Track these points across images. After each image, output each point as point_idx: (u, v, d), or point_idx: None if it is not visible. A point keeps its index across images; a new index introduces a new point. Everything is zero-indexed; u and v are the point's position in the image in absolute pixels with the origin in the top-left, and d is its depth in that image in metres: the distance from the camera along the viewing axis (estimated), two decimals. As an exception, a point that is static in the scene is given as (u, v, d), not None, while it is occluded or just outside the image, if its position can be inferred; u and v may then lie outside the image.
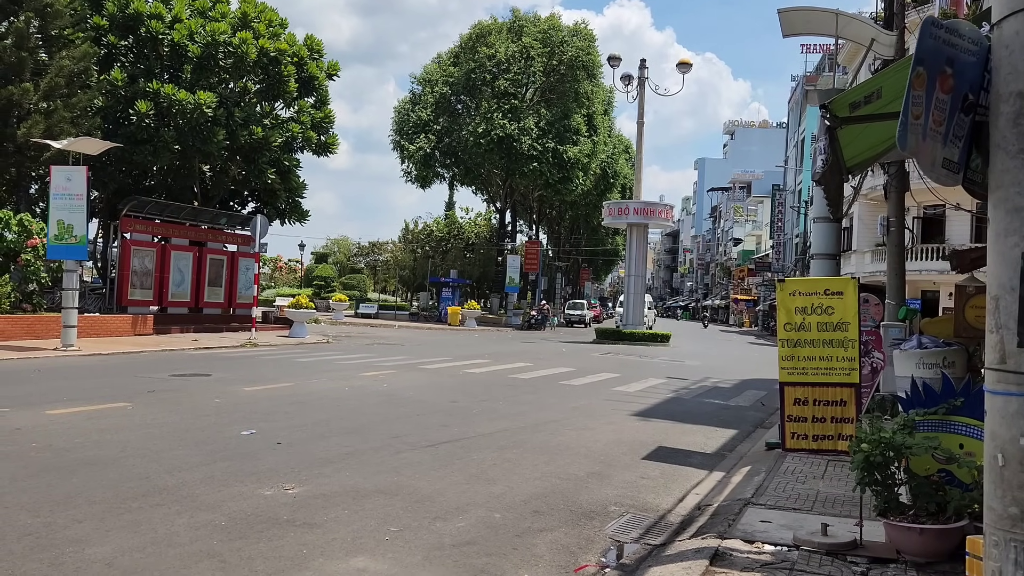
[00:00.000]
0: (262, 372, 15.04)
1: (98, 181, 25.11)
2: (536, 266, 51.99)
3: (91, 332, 20.04)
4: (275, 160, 28.58)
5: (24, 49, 21.32)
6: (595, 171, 49.51)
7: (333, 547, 5.05)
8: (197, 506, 5.75)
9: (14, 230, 19.99)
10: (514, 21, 46.96)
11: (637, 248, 34.22)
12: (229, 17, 27.39)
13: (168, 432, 8.55)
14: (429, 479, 6.99)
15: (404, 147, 47.33)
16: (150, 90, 24.83)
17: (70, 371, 13.96)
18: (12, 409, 9.38)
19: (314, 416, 10.14)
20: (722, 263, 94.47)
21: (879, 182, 25.84)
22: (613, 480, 7.47)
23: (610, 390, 14.91)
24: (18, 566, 4.43)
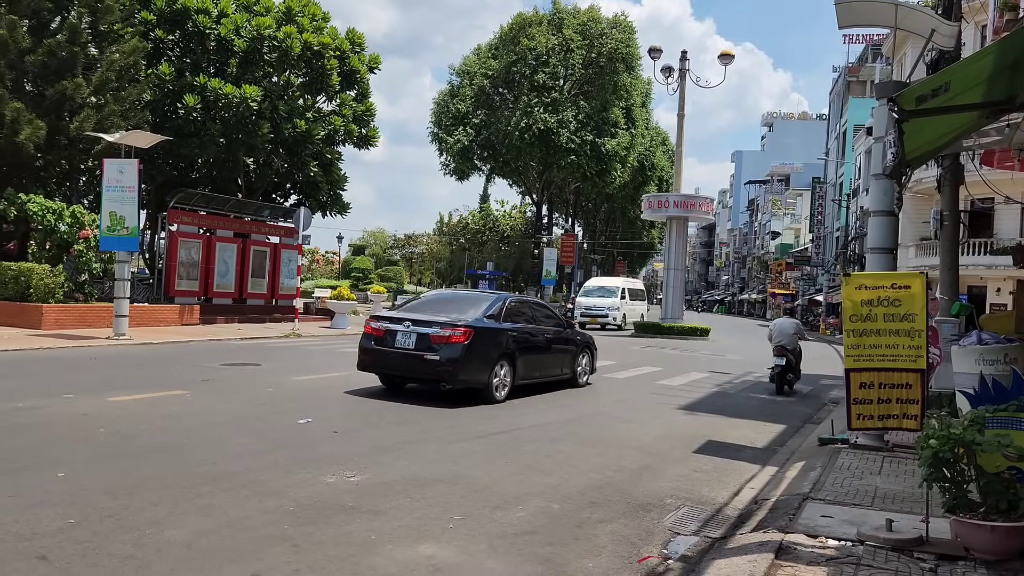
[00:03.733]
0: (309, 362, 15.27)
1: (146, 174, 25.53)
2: (572, 259, 51.94)
3: (140, 321, 20.47)
4: (317, 153, 28.88)
5: (76, 44, 21.75)
6: (632, 164, 49.31)
7: (399, 534, 5.16)
8: (264, 492, 5.89)
9: (67, 222, 20.50)
10: (554, 13, 46.85)
11: (676, 241, 34.02)
12: (274, 11, 27.70)
13: (227, 420, 8.75)
14: (484, 469, 7.08)
15: (442, 139, 47.54)
16: (197, 84, 25.22)
17: (124, 359, 14.30)
18: (76, 396, 9.66)
19: (366, 405, 10.29)
20: (759, 257, 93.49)
21: (925, 175, 25.42)
22: (666, 473, 7.50)
23: (654, 384, 14.90)
24: (104, 546, 4.59)
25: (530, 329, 12.37)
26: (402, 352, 10.96)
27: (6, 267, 19.67)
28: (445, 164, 49.55)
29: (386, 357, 11.25)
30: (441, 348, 10.69)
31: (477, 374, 10.98)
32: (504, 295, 13.17)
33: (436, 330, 10.85)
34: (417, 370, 11.00)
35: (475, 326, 11.00)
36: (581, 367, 13.76)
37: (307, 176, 29.43)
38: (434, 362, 10.66)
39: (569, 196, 58.97)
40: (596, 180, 46.40)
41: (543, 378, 12.70)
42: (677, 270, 34.10)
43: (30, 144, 20.38)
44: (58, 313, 18.95)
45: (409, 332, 10.99)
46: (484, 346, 11.03)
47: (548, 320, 13.29)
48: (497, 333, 11.39)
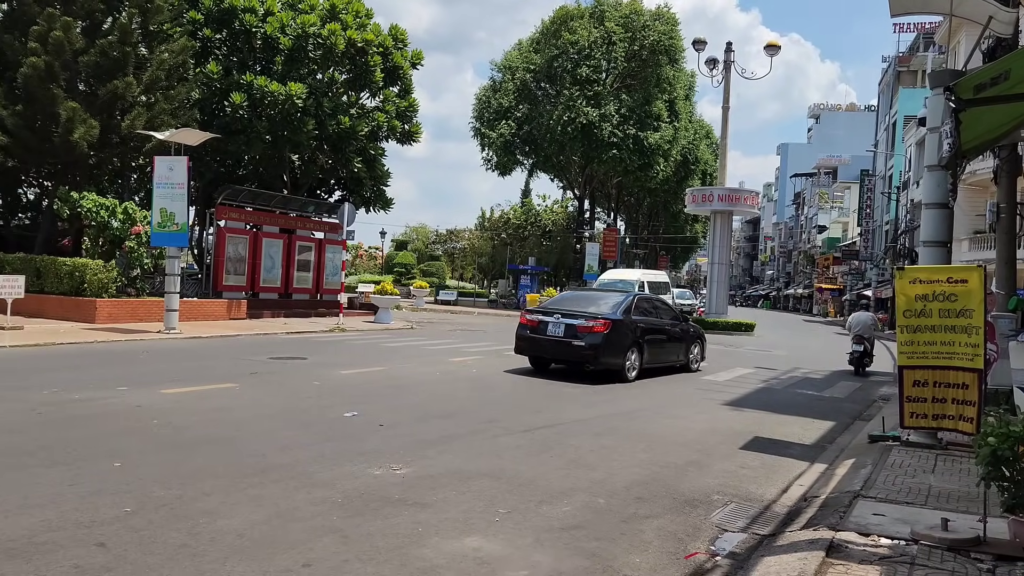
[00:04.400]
0: (354, 356, 15.43)
1: (195, 171, 26.02)
2: (614, 253, 51.63)
3: (189, 316, 20.88)
4: (361, 149, 29.14)
5: (127, 44, 22.22)
6: (676, 157, 48.82)
7: (446, 526, 5.19)
8: (313, 483, 5.97)
9: (119, 218, 20.98)
10: (596, 6, 46.55)
11: (720, 235, 33.64)
12: (318, 9, 27.98)
13: (275, 412, 8.89)
14: (529, 463, 7.09)
15: (484, 134, 47.60)
16: (244, 82, 25.61)
17: (175, 353, 14.60)
18: (130, 388, 9.89)
19: (410, 400, 10.37)
20: (805, 251, 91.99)
21: (981, 167, 24.75)
22: (712, 469, 7.43)
23: (699, 379, 14.76)
24: (159, 534, 4.70)
25: (653, 322, 14.69)
26: (553, 339, 13.46)
27: (61, 263, 20.22)
28: (487, 159, 49.61)
29: (539, 343, 13.76)
30: (585, 336, 13.11)
31: (614, 358, 13.33)
32: (632, 293, 15.70)
33: (581, 321, 13.26)
34: (566, 354, 13.58)
35: (612, 319, 13.34)
36: (693, 355, 16.04)
37: (351, 172, 29.72)
38: (580, 347, 13.12)
39: (611, 190, 58.61)
40: (638, 174, 46.05)
41: (663, 363, 14.94)
42: (721, 264, 33.73)
43: (84, 143, 20.89)
44: (111, 307, 19.43)
45: (559, 323, 13.47)
46: (619, 335, 13.38)
47: (667, 315, 15.64)
48: (629, 325, 13.72)
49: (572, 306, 14.12)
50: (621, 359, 13.44)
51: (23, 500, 5.19)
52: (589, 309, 13.78)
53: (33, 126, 21.30)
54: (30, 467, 6.01)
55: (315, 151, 28.94)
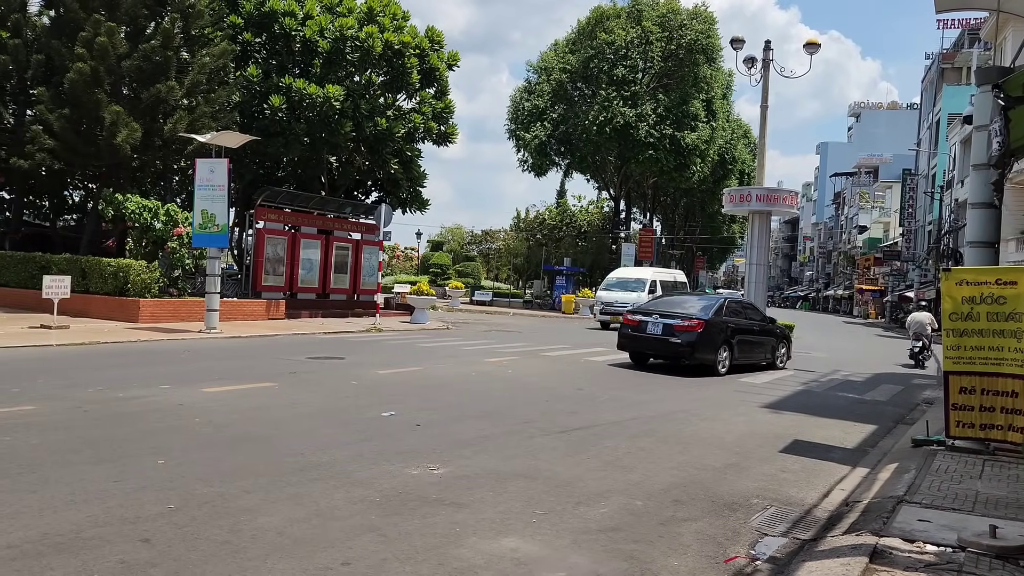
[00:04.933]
0: (391, 356, 15.53)
1: (235, 172, 26.45)
2: (650, 254, 51.32)
3: (229, 316, 21.18)
4: (398, 150, 29.35)
5: (169, 48, 22.62)
6: (713, 157, 48.39)
7: (483, 526, 5.20)
8: (351, 482, 6.02)
9: (162, 219, 21.37)
10: (632, 5, 46.31)
11: (759, 236, 33.12)
12: (356, 12, 28.23)
13: (314, 411, 8.98)
14: (566, 464, 7.07)
15: (520, 136, 47.62)
16: (283, 85, 25.93)
17: (216, 352, 14.83)
18: (172, 386, 10.07)
19: (446, 399, 10.41)
20: (845, 252, 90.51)
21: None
22: (751, 472, 7.34)
23: (736, 381, 14.60)
24: (202, 531, 4.78)
25: (742, 323, 16.25)
26: (652, 337, 15.29)
27: (106, 263, 20.64)
28: (522, 160, 49.63)
29: (640, 340, 15.59)
30: (681, 334, 14.86)
31: (707, 354, 14.98)
32: (723, 297, 18.10)
33: (678, 321, 15.05)
34: (664, 350, 15.35)
35: (705, 319, 15.00)
36: (779, 354, 17.51)
37: (388, 173, 29.95)
38: (677, 344, 14.91)
39: (647, 190, 58.28)
40: (675, 174, 45.72)
41: (752, 360, 16.40)
42: (759, 265, 33.25)
43: (127, 145, 21.30)
44: (154, 307, 19.79)
45: (657, 322, 15.28)
46: (712, 334, 15.04)
47: (755, 317, 17.23)
48: (720, 325, 15.35)
49: (669, 308, 15.87)
50: (713, 355, 15.07)
51: (70, 496, 5.31)
52: (684, 310, 15.50)
53: (79, 130, 21.78)
54: (77, 464, 6.15)
55: (352, 153, 29.21)
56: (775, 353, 17.32)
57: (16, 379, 10.25)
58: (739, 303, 17.32)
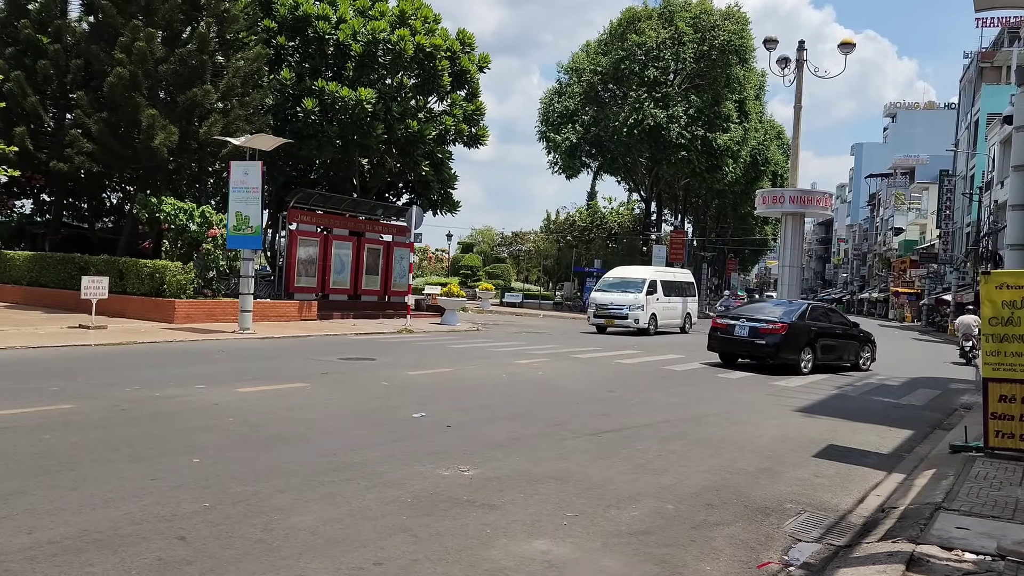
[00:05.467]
0: (421, 357, 15.60)
1: (268, 175, 26.70)
2: (681, 256, 51.03)
3: (262, 316, 21.43)
4: (429, 152, 29.47)
5: (205, 53, 22.96)
6: (745, 159, 48.02)
7: (514, 528, 5.20)
8: (383, 483, 6.06)
9: (197, 221, 21.68)
10: (664, 6, 46.10)
11: (791, 238, 32.83)
12: (388, 15, 28.41)
13: (346, 412, 9.05)
14: (597, 467, 7.05)
15: (550, 138, 47.60)
16: (316, 88, 26.17)
17: (249, 352, 15.00)
18: (207, 386, 10.21)
19: (476, 401, 10.43)
20: (881, 254, 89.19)
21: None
22: (785, 477, 7.26)
23: (769, 384, 14.46)
24: (236, 529, 4.84)
25: (826, 326, 17.60)
26: (740, 339, 16.85)
27: (142, 264, 20.99)
28: (553, 162, 49.61)
29: (728, 342, 17.18)
30: (766, 336, 16.39)
31: (790, 354, 16.39)
32: (807, 303, 19.46)
33: (762, 324, 16.59)
34: (750, 351, 16.83)
35: (788, 322, 16.54)
36: (864, 357, 18.62)
37: (419, 175, 30.10)
38: (762, 345, 16.46)
39: (678, 192, 57.96)
40: (707, 176, 45.42)
41: (835, 361, 17.68)
42: (792, 267, 32.91)
43: (164, 148, 21.64)
44: (189, 308, 20.08)
45: (744, 326, 16.87)
46: (794, 336, 16.44)
47: (839, 321, 18.62)
48: (803, 328, 16.78)
49: (754, 313, 17.65)
50: (796, 356, 16.43)
51: (109, 493, 5.41)
52: (769, 315, 17.10)
53: (117, 133, 22.17)
54: (115, 462, 6.26)
55: (384, 155, 29.40)
56: (859, 356, 18.48)
57: (56, 378, 10.46)
58: (823, 308, 19.05)
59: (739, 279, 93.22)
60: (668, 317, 29.08)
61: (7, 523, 4.73)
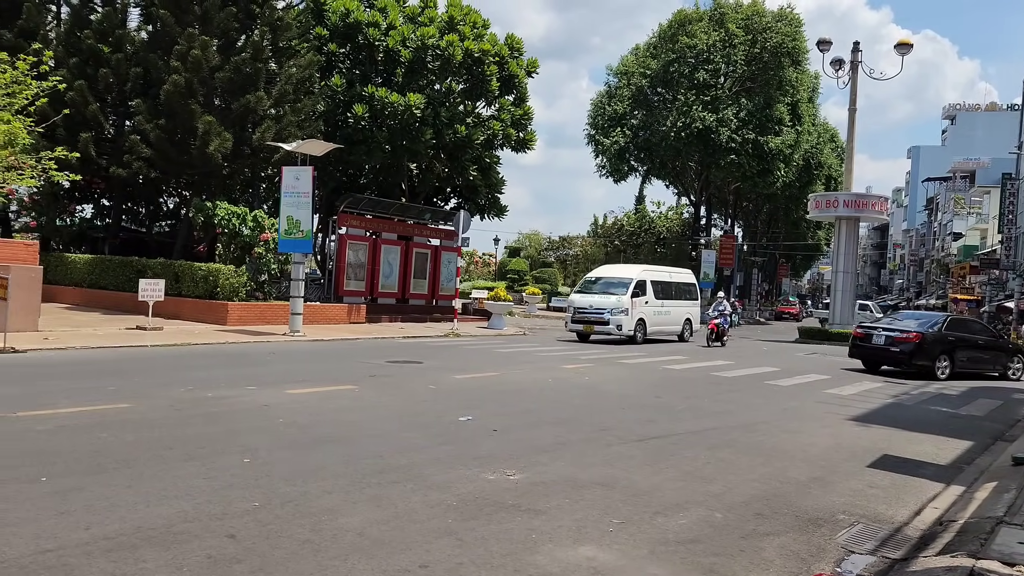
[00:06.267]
0: (468, 361, 15.65)
1: (319, 180, 27.12)
2: (731, 261, 50.44)
3: (312, 319, 21.73)
4: (477, 157, 29.63)
5: (258, 60, 23.42)
6: (797, 162, 47.25)
7: (559, 534, 5.16)
8: (428, 486, 6.08)
9: (249, 225, 22.10)
10: (715, 8, 45.65)
11: (845, 243, 32.22)
12: (437, 21, 28.65)
13: (392, 414, 9.12)
14: (643, 474, 6.98)
15: (599, 141, 47.46)
16: (366, 94, 26.50)
17: (299, 355, 15.22)
18: (258, 388, 10.39)
19: (522, 405, 10.43)
20: (939, 259, 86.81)
21: None
22: (837, 487, 7.09)
23: (821, 392, 14.16)
24: (284, 529, 4.90)
25: (965, 337, 18.89)
26: (877, 347, 18.61)
27: (197, 267, 21.46)
28: (601, 166, 49.46)
29: (867, 350, 18.97)
30: (900, 345, 18.07)
31: (924, 361, 17.88)
32: (946, 315, 21.56)
33: (897, 333, 18.34)
34: (887, 357, 18.55)
35: (922, 332, 18.16)
36: (1014, 368, 19.48)
37: (467, 180, 30.28)
38: (896, 353, 18.19)
39: (728, 196, 57.31)
40: (757, 180, 44.81)
41: (977, 370, 18.83)
42: (846, 273, 32.29)
43: (218, 154, 22.12)
44: (241, 310, 20.46)
45: (880, 335, 18.68)
46: (929, 346, 17.91)
47: (981, 332, 20.14)
48: (939, 338, 18.23)
49: (892, 323, 19.62)
50: (931, 363, 17.85)
51: (162, 491, 5.52)
52: (905, 325, 18.85)
53: (173, 139, 22.72)
54: (169, 460, 6.39)
55: (432, 160, 29.62)
56: (1007, 367, 19.36)
57: (114, 378, 10.75)
58: (964, 320, 20.82)
59: (791, 285, 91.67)
60: (661, 323, 25.45)
61: (66, 518, 4.86)
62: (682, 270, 29.85)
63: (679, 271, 29.00)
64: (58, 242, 27.08)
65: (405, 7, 28.84)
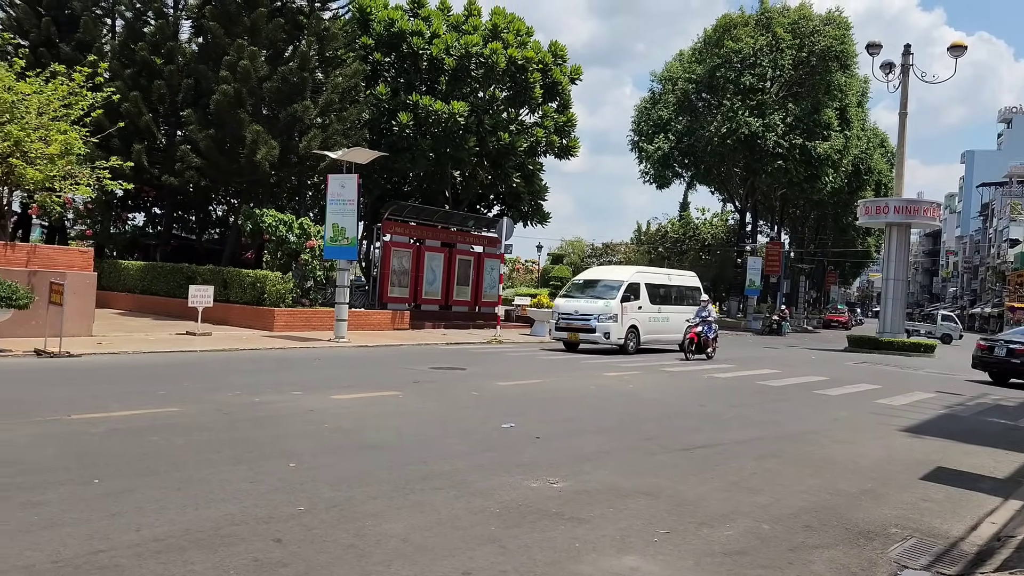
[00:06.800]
0: (510, 368, 15.64)
1: (363, 187, 27.45)
2: (778, 268, 49.70)
3: (357, 325, 21.93)
4: (520, 164, 29.68)
5: (305, 70, 23.79)
6: (846, 167, 46.42)
7: (603, 544, 5.11)
8: (471, 492, 6.07)
9: (296, 233, 22.41)
10: (761, 13, 45.15)
11: (896, 250, 31.52)
12: (481, 29, 28.81)
13: (436, 421, 9.14)
14: (688, 483, 6.88)
15: (642, 147, 47.22)
16: (410, 102, 26.74)
17: (344, 360, 15.37)
18: (303, 393, 10.51)
19: (565, 413, 10.38)
20: (994, 267, 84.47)
21: None
22: (890, 500, 6.91)
23: (872, 402, 13.84)
24: (329, 534, 4.93)
25: None
26: (998, 358, 19.69)
27: (245, 274, 21.82)
28: (644, 172, 49.20)
29: (987, 362, 20.11)
30: (1021, 356, 19.12)
31: None
32: None
33: (1019, 346, 19.38)
34: (1008, 368, 19.53)
35: None
36: None
37: (510, 187, 30.34)
38: (1016, 364, 19.19)
39: (775, 202, 56.52)
40: (805, 186, 44.12)
41: None
42: (897, 281, 31.58)
43: (266, 162, 22.49)
44: (287, 316, 20.74)
45: (1002, 347, 19.79)
46: None
47: None
48: None
49: (1014, 336, 20.64)
50: None
51: (210, 494, 5.60)
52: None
53: (223, 148, 23.17)
54: (217, 464, 6.49)
55: (476, 167, 29.76)
56: None
57: (164, 382, 10.97)
58: None
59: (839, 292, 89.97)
60: (658, 331, 22.63)
61: (118, 520, 4.96)
62: (685, 272, 27.67)
63: (681, 273, 26.61)
64: (112, 249, 27.77)
65: (449, 16, 29.05)
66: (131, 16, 26.16)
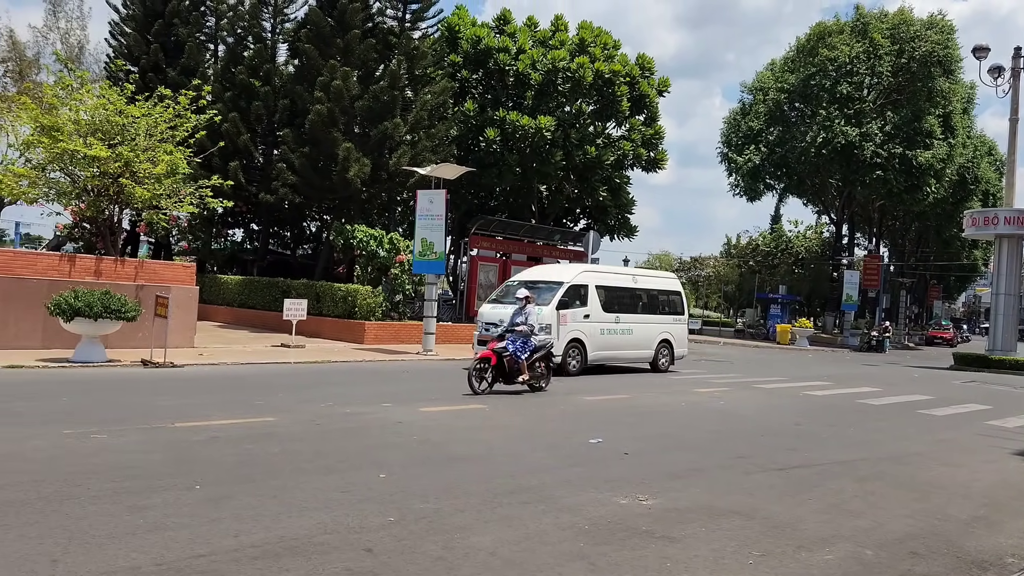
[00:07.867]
0: (597, 383, 15.48)
1: (451, 203, 27.82)
2: (876, 282, 47.76)
3: (444, 339, 22.14)
4: (606, 178, 29.56)
5: (395, 89, 24.33)
6: (950, 177, 44.32)
7: (695, 564, 4.97)
8: (559, 508, 6.01)
9: (386, 248, 22.85)
10: (857, 19, 43.70)
11: (1007, 263, 29.84)
12: (567, 44, 28.89)
13: (523, 435, 9.12)
14: (784, 504, 6.63)
15: (732, 159, 46.29)
16: (497, 118, 27.00)
17: (431, 373, 15.53)
18: (392, 404, 10.66)
19: (653, 429, 10.19)
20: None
21: None
22: (1005, 527, 6.49)
23: (981, 423, 13.09)
24: (418, 545, 4.95)
25: None
26: None
27: (337, 288, 22.37)
28: (734, 184, 48.17)
29: None
30: None
31: None
32: None
33: None
34: None
35: None
36: None
37: (596, 201, 30.22)
38: None
39: (873, 214, 54.43)
40: (905, 196, 42.31)
41: None
42: (1008, 295, 29.87)
43: (357, 179, 23.06)
44: (377, 329, 21.13)
45: None
46: None
47: None
48: None
49: None
50: None
51: (304, 502, 5.72)
52: None
53: (316, 166, 23.88)
54: (310, 473, 6.63)
55: (562, 181, 29.77)
56: None
57: (260, 392, 11.31)
58: None
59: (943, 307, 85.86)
60: (614, 346, 18.08)
61: (217, 525, 5.11)
62: (662, 273, 23.48)
63: (654, 274, 22.06)
64: (212, 264, 28.94)
65: (536, 32, 29.25)
66: (232, 41, 27.34)
